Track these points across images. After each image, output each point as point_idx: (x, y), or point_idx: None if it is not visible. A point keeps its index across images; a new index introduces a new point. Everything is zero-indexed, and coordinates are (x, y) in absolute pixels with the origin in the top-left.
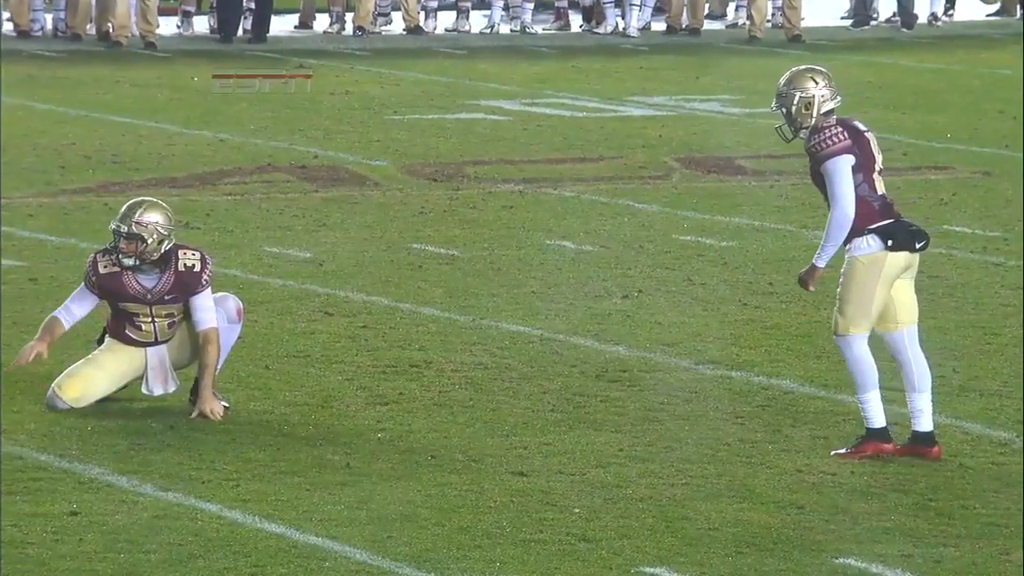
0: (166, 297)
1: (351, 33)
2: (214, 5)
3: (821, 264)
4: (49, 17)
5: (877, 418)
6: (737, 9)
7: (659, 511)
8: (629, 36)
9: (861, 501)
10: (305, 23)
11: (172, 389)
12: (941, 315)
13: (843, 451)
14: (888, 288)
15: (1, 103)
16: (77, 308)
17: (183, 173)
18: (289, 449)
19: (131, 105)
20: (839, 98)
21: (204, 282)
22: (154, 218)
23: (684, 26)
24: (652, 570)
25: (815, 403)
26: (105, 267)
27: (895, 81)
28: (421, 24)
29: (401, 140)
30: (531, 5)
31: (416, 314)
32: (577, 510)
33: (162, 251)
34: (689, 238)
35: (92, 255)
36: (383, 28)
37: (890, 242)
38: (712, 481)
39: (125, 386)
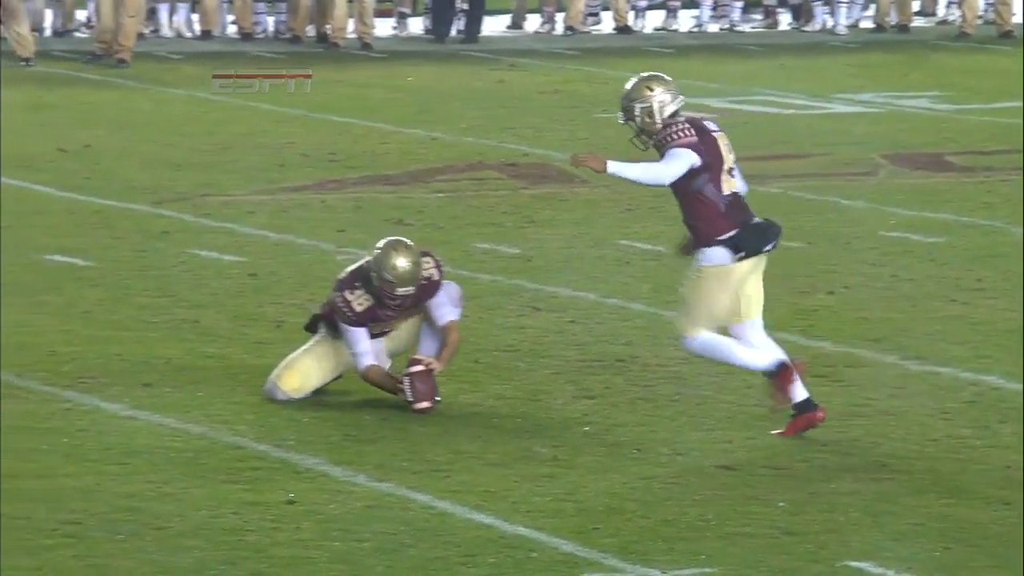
0: (412, 308)
1: (561, 33)
2: (429, 6)
3: (611, 170)
4: (271, 20)
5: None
6: (948, 6)
7: (864, 506)
8: (837, 34)
9: None
10: (517, 23)
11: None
12: None
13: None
14: (735, 292)
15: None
16: (367, 347)
17: (397, 171)
18: (498, 441)
19: (348, 105)
20: (681, 98)
21: (442, 285)
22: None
23: (893, 23)
24: (857, 564)
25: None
26: (360, 304)
27: None
28: (630, 23)
29: (610, 138)
30: (740, 4)
31: (623, 309)
32: (782, 504)
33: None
34: (896, 234)
35: (340, 297)
36: (593, 28)
37: (740, 253)
38: (918, 477)
39: (340, 376)
